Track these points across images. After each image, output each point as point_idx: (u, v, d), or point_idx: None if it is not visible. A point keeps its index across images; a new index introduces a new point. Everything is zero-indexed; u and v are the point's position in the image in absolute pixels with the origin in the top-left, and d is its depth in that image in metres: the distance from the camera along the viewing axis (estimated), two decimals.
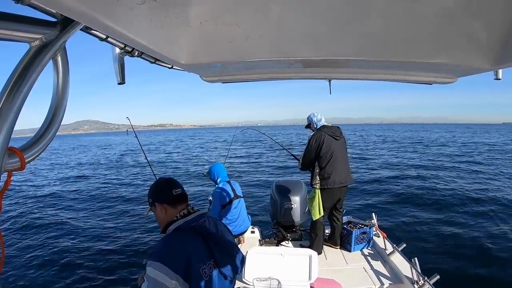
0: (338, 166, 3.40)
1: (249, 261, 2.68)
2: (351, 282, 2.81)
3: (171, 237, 1.33)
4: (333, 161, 3.37)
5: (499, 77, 1.21)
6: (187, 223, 1.34)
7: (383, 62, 0.98)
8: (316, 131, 3.48)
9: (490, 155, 18.94)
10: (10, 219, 7.99)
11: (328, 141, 3.38)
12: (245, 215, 3.61)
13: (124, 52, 1.13)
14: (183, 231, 1.33)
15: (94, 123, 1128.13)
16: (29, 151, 0.75)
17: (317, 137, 3.40)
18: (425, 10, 0.58)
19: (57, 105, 0.84)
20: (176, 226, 1.33)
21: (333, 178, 3.37)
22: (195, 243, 1.32)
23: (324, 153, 3.37)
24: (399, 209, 7.71)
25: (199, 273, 1.25)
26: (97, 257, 5.53)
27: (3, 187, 0.68)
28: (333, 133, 3.43)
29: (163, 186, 1.45)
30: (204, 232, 1.35)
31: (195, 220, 1.36)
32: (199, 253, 1.30)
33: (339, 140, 3.48)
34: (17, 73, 0.68)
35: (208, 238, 1.35)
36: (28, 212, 8.66)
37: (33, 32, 0.68)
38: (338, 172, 3.39)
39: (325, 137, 3.38)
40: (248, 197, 8.74)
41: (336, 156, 3.39)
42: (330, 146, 3.38)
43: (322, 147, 3.36)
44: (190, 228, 1.33)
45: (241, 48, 0.85)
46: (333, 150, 3.38)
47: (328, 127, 3.48)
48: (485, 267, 4.62)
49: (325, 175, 3.37)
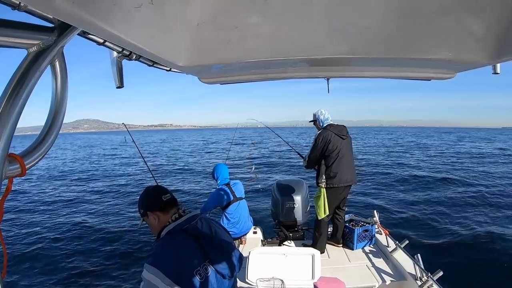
0: (344, 165, 3.41)
1: (252, 261, 2.68)
2: (354, 280, 2.80)
3: (163, 241, 1.34)
4: (339, 160, 3.38)
5: (497, 72, 1.21)
6: (179, 225, 1.35)
7: (381, 59, 0.98)
8: (323, 130, 3.47)
9: (493, 156, 18.94)
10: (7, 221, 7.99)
11: (335, 140, 3.38)
12: (247, 216, 3.60)
13: (122, 55, 1.13)
14: (175, 234, 1.34)
15: (94, 122, 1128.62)
16: (30, 157, 0.75)
17: (324, 136, 3.40)
18: (423, 6, 0.58)
19: (56, 110, 0.84)
20: (168, 230, 1.34)
21: (339, 177, 3.37)
22: (188, 245, 1.33)
23: (330, 152, 3.38)
24: (401, 206, 7.71)
25: (193, 275, 1.26)
26: (97, 258, 5.53)
27: (4, 193, 0.68)
28: (339, 132, 3.43)
29: (152, 194, 1.46)
30: (196, 233, 1.36)
31: (187, 222, 1.36)
32: (192, 254, 1.31)
33: (345, 139, 3.48)
34: (15, 79, 0.68)
35: (201, 238, 1.36)
36: (27, 214, 8.65)
37: (31, 38, 0.68)
38: (344, 171, 3.39)
39: (332, 136, 3.38)
40: (249, 197, 8.75)
41: (343, 155, 3.40)
42: (337, 145, 3.38)
43: (329, 146, 3.37)
44: (182, 231, 1.34)
45: (238, 49, 0.85)
46: (339, 149, 3.39)
47: (334, 126, 3.48)
48: (488, 262, 4.63)
49: (331, 174, 3.38)
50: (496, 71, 1.21)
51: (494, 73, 1.22)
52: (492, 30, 0.69)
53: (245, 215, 3.57)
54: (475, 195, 8.33)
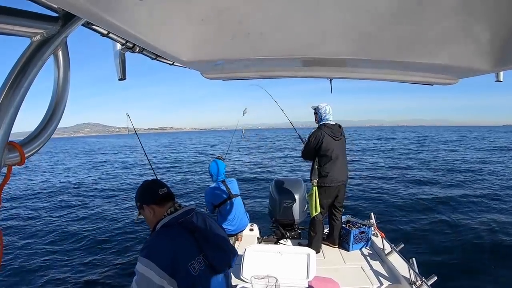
0: (336, 165, 3.42)
1: (247, 258, 2.69)
2: (348, 281, 2.81)
3: (159, 234, 1.35)
4: (332, 161, 3.39)
5: (500, 79, 1.21)
6: (174, 219, 1.35)
7: (384, 62, 0.98)
8: (317, 129, 3.47)
9: (491, 156, 18.95)
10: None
11: (327, 141, 3.38)
12: (243, 213, 3.61)
13: (125, 48, 1.13)
14: (170, 227, 1.34)
15: (94, 126, 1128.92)
16: (29, 145, 0.75)
17: (316, 135, 3.41)
18: (427, 10, 0.58)
19: (58, 100, 0.84)
20: (163, 223, 1.35)
21: (330, 177, 3.39)
22: (183, 238, 1.33)
23: (323, 153, 3.38)
24: (398, 209, 7.73)
25: (187, 268, 1.26)
26: (96, 259, 5.55)
27: (3, 181, 0.68)
28: (333, 133, 3.43)
29: (149, 188, 1.47)
30: (191, 227, 1.37)
31: (182, 216, 1.37)
32: (187, 248, 1.32)
33: (339, 140, 3.47)
34: (17, 68, 0.68)
35: (196, 232, 1.37)
36: (25, 213, 8.68)
37: (35, 27, 0.68)
38: (336, 172, 3.41)
39: (324, 137, 3.38)
40: (247, 194, 8.76)
41: (336, 156, 3.41)
42: (329, 146, 3.38)
43: (321, 147, 3.37)
44: (177, 224, 1.35)
45: (242, 45, 0.85)
46: (332, 150, 3.39)
47: (329, 126, 3.46)
48: (483, 268, 4.64)
49: (323, 173, 3.40)
50: (499, 79, 1.21)
51: (497, 80, 1.22)
52: (496, 38, 0.69)
53: (241, 211, 3.58)
54: (472, 202, 8.33)
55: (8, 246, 5.95)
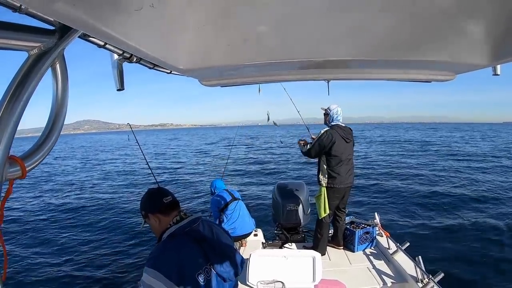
0: (345, 167, 3.44)
1: (252, 264, 2.67)
2: (355, 282, 2.79)
3: (165, 244, 1.33)
4: (341, 162, 3.41)
5: (498, 73, 1.21)
6: (180, 228, 1.34)
7: (381, 62, 0.98)
8: (330, 129, 3.47)
9: (494, 155, 18.89)
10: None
11: (339, 143, 3.39)
12: (247, 217, 3.66)
13: (122, 58, 1.13)
14: (177, 237, 1.33)
15: (94, 123, 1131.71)
16: (30, 159, 0.75)
17: (330, 134, 3.39)
18: (422, 8, 0.58)
19: (57, 112, 0.84)
20: (169, 233, 1.34)
21: (339, 179, 3.40)
22: (189, 248, 1.32)
23: (334, 154, 3.39)
24: (402, 208, 7.69)
25: (195, 278, 1.24)
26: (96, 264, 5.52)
27: (4, 196, 0.68)
28: (345, 135, 3.45)
29: (153, 196, 1.46)
30: (198, 236, 1.35)
31: (188, 225, 1.36)
32: (193, 258, 1.30)
33: (349, 142, 3.51)
34: (16, 81, 0.68)
35: (202, 242, 1.35)
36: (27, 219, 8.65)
37: (32, 40, 0.68)
38: (344, 173, 3.43)
39: (337, 138, 3.39)
40: (250, 199, 8.73)
41: (345, 158, 3.43)
42: (340, 148, 3.40)
43: (333, 147, 3.37)
44: (184, 234, 1.33)
45: (239, 51, 0.85)
46: (342, 152, 3.41)
47: (341, 127, 3.48)
48: (489, 264, 4.61)
49: (333, 174, 3.40)
50: (497, 73, 1.21)
51: (495, 74, 1.22)
52: (492, 32, 0.69)
53: (246, 214, 3.67)
54: (477, 199, 8.29)
55: (8, 246, 5.93)
